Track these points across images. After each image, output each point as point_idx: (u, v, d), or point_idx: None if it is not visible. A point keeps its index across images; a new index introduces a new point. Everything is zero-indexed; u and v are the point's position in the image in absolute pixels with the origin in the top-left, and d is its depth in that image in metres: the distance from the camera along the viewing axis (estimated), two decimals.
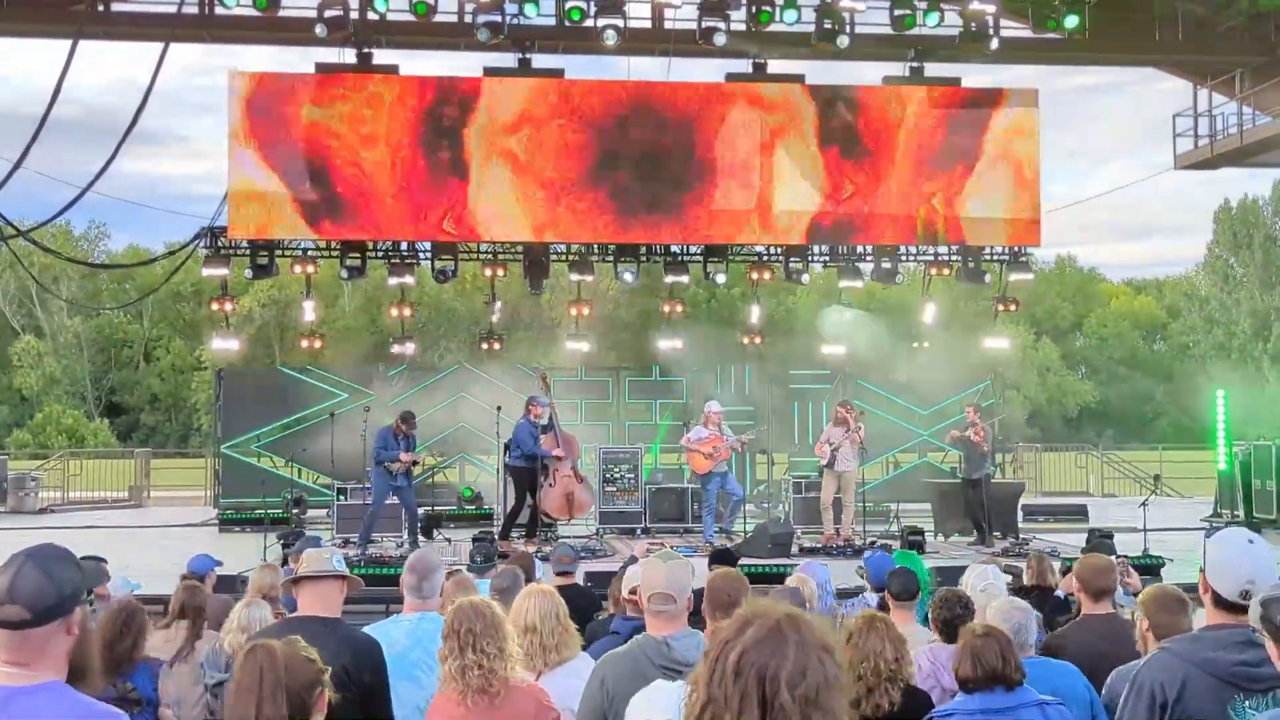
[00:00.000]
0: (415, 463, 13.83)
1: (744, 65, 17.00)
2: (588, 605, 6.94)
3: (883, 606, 5.66)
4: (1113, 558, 7.15)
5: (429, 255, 17.57)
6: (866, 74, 17.82)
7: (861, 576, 7.48)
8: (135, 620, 5.25)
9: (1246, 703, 3.19)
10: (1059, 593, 7.06)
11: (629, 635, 4.41)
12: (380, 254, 17.66)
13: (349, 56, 16.32)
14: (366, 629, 4.71)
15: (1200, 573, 3.45)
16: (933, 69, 17.19)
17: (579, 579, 8.00)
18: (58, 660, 2.43)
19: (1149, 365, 65.61)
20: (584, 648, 4.72)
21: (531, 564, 7.22)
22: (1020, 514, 16.30)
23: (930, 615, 5.24)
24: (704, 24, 15.51)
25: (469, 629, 3.95)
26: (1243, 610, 3.34)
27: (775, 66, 17.05)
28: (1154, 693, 3.29)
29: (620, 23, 15.34)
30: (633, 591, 5.21)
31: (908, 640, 5.41)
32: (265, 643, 3.14)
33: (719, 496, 14.75)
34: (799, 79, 17.08)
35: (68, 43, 14.30)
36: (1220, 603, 3.34)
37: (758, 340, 19.44)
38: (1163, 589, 4.35)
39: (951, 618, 4.97)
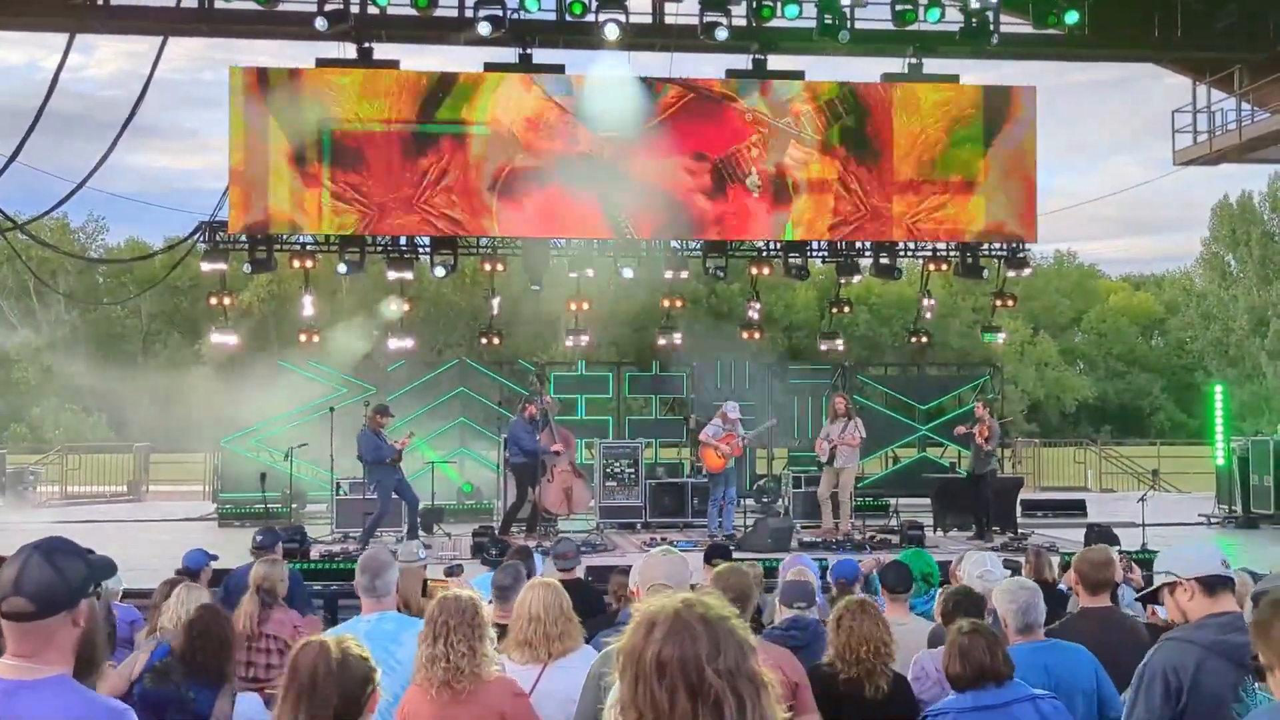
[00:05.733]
0: (405, 443, 13.90)
1: (745, 61, 17.00)
2: (591, 600, 6.95)
3: None
4: (1114, 551, 7.16)
5: (428, 250, 17.57)
6: (867, 70, 17.80)
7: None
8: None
9: (1256, 684, 3.25)
10: (1061, 586, 7.06)
11: None
12: (379, 249, 17.65)
13: (350, 51, 16.31)
14: (330, 630, 4.71)
15: (1169, 586, 3.55)
16: (933, 65, 17.19)
17: (580, 574, 8.01)
18: (64, 653, 2.43)
19: (1147, 361, 65.64)
20: (588, 640, 4.74)
21: (530, 557, 7.22)
22: (1019, 509, 16.31)
23: (938, 613, 5.25)
24: (705, 19, 15.48)
25: (445, 621, 3.97)
26: (1229, 583, 3.46)
27: (776, 62, 17.06)
28: (1167, 678, 3.34)
29: (622, 17, 15.33)
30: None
31: (902, 631, 5.48)
32: (318, 639, 3.14)
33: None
34: (799, 75, 17.09)
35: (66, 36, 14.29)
36: (1209, 586, 3.47)
37: (757, 336, 19.46)
38: None
39: (960, 615, 4.98)
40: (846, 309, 20.83)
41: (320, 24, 15.01)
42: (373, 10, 15.39)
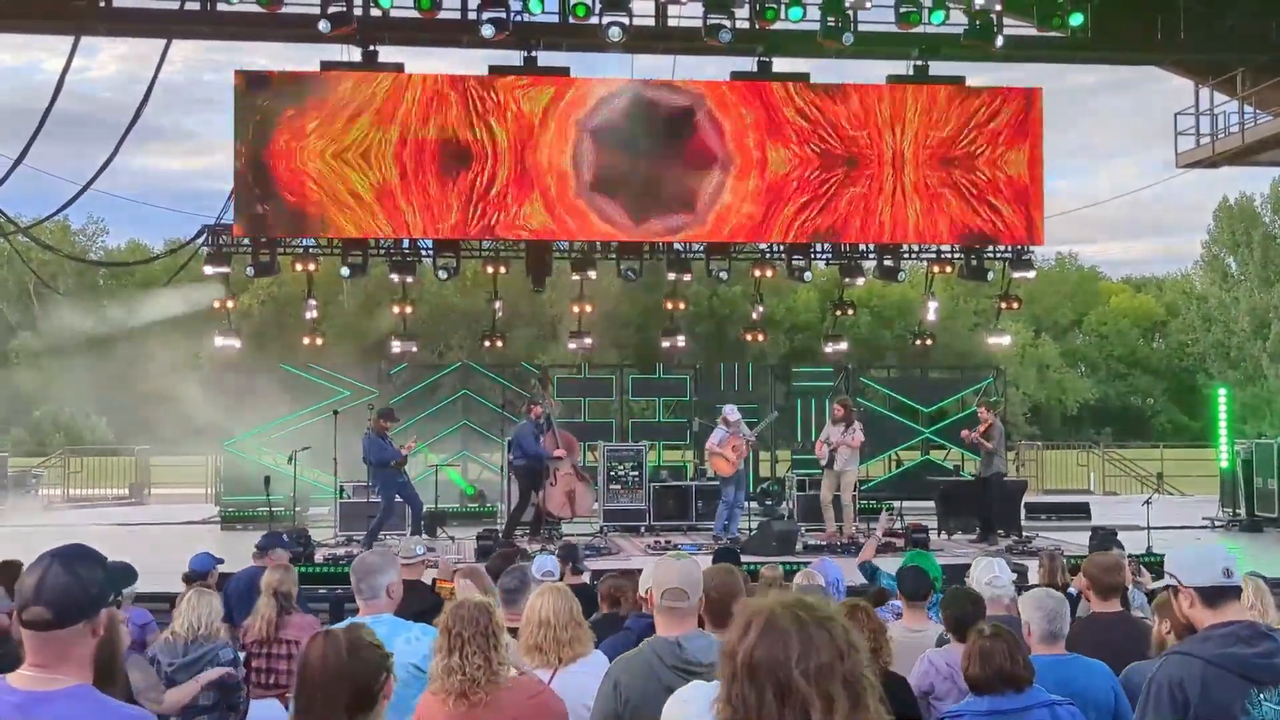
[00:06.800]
0: (410, 447, 13.92)
1: (749, 63, 16.98)
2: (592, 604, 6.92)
3: None
4: (1122, 554, 7.15)
5: (430, 253, 17.55)
6: (871, 72, 17.77)
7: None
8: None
9: (1261, 695, 3.27)
10: (1071, 590, 7.04)
11: (641, 633, 4.40)
12: (382, 252, 17.63)
13: (354, 54, 16.30)
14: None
15: (1172, 590, 3.56)
16: (937, 67, 17.17)
17: (586, 578, 7.99)
18: (82, 663, 2.42)
19: (1149, 363, 65.66)
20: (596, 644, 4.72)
21: (520, 558, 7.20)
22: (1023, 512, 16.30)
23: (942, 613, 5.26)
24: (709, 21, 15.45)
25: (458, 632, 3.93)
26: (1233, 592, 3.44)
27: (780, 64, 17.04)
28: (1174, 693, 3.32)
29: (625, 19, 15.29)
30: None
31: (920, 637, 5.46)
32: (331, 630, 3.13)
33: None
34: (804, 77, 17.06)
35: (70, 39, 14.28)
36: (1209, 597, 3.44)
37: (760, 338, 19.44)
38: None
39: (961, 615, 5.00)
40: (849, 311, 20.84)
41: (323, 26, 14.98)
42: (376, 12, 15.37)
